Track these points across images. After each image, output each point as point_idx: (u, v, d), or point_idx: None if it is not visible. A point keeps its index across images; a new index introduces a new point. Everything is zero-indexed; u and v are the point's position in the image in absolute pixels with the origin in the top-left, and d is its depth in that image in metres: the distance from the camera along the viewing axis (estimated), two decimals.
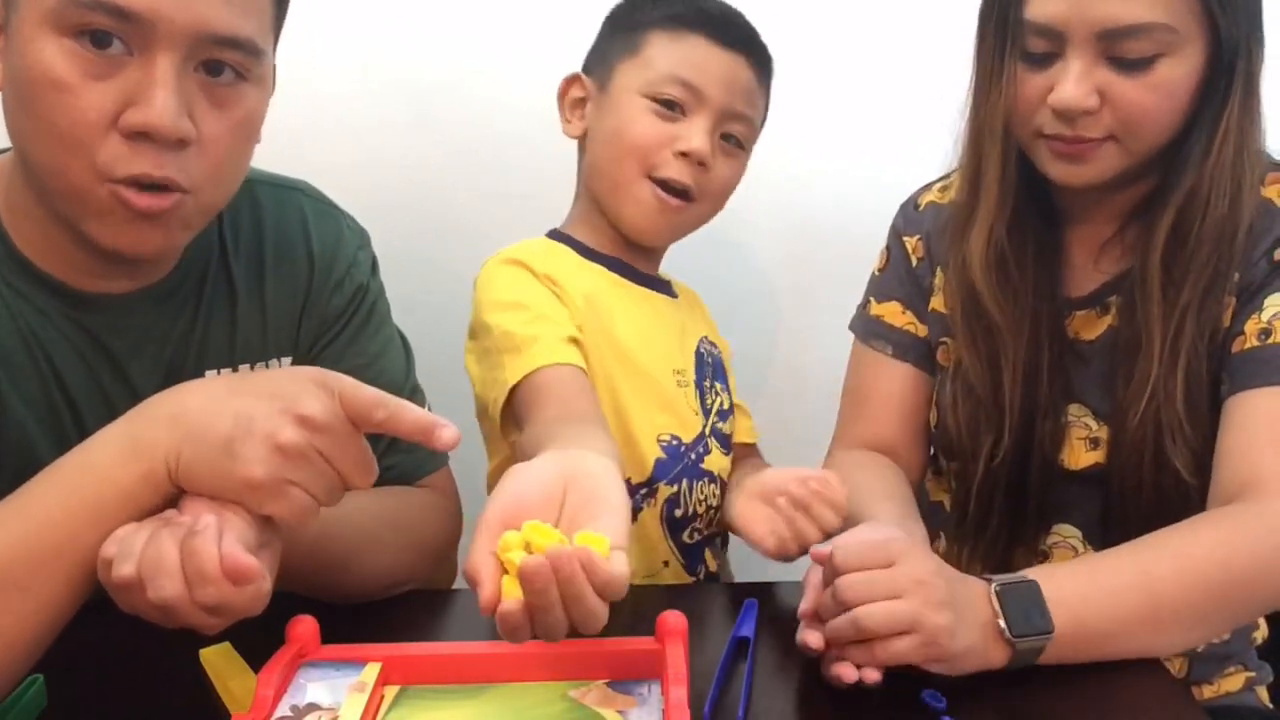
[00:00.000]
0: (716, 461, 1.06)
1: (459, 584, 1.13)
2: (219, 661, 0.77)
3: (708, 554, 1.07)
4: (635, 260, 1.07)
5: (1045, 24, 0.88)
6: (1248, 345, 0.90)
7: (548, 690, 0.71)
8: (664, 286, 1.10)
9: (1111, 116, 0.89)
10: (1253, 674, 1.06)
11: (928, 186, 1.13)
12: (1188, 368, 0.91)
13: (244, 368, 0.91)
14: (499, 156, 1.48)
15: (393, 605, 0.91)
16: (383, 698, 0.71)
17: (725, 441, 1.08)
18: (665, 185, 1.00)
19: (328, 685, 0.70)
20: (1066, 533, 1.02)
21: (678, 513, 1.03)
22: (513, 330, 0.95)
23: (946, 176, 1.09)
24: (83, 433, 0.81)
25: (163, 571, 0.62)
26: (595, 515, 0.63)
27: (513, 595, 0.59)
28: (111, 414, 0.80)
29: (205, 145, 0.75)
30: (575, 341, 0.95)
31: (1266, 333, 0.89)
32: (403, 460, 0.94)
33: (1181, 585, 0.79)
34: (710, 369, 1.09)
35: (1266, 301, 0.90)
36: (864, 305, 1.14)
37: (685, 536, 1.04)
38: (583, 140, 1.07)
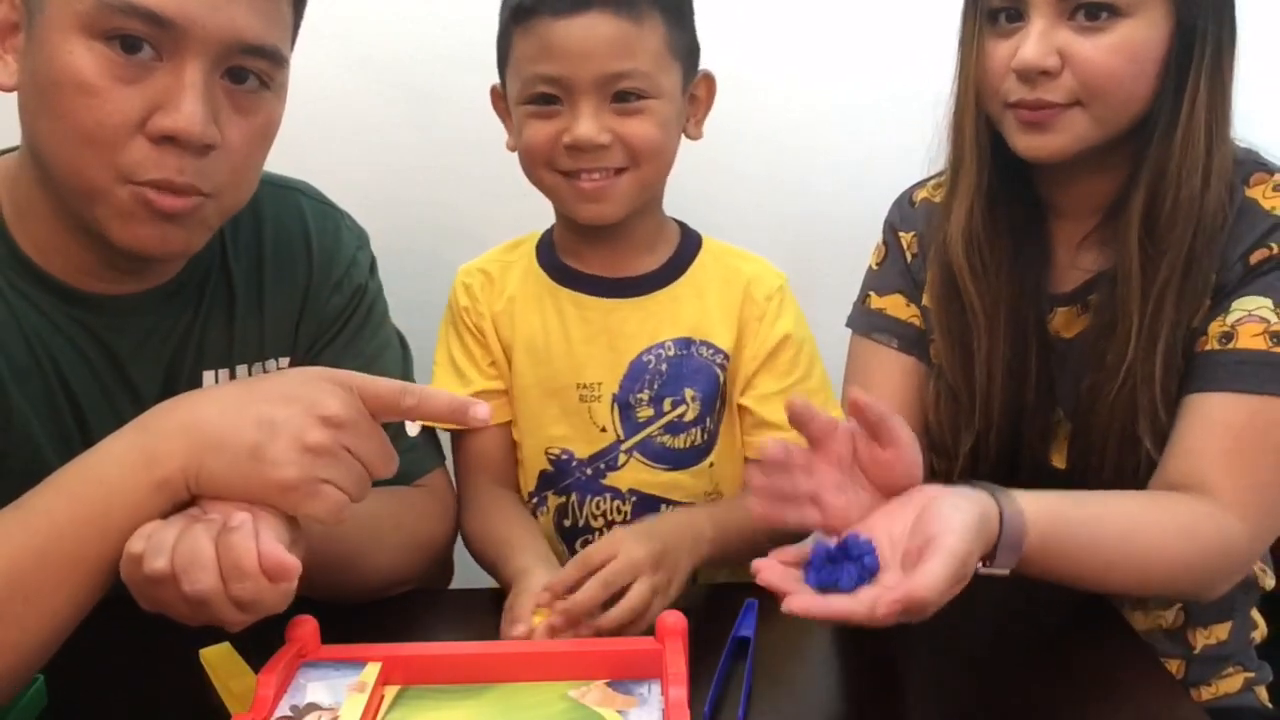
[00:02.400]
0: (633, 478, 1.01)
1: (458, 583, 1.13)
2: (219, 661, 0.77)
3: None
4: (592, 253, 1.03)
5: None
6: (1208, 346, 0.90)
7: (548, 690, 0.71)
8: (628, 285, 1.03)
9: (1073, 79, 0.89)
10: (1251, 674, 1.06)
11: (922, 183, 1.12)
12: (1166, 351, 0.91)
13: (241, 369, 0.91)
14: (499, 156, 1.47)
15: (393, 605, 0.91)
16: (383, 698, 0.71)
17: (670, 457, 1.02)
18: (577, 175, 0.97)
19: (328, 685, 0.70)
20: None
21: (566, 523, 1.03)
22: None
23: (941, 173, 1.08)
24: (85, 432, 0.82)
25: (198, 565, 0.62)
26: None
27: None
28: (114, 413, 0.81)
29: (228, 151, 0.76)
30: (491, 394, 1.03)
31: (1228, 336, 0.89)
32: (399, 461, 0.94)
33: (1127, 573, 0.84)
34: (661, 379, 1.01)
35: (1234, 304, 0.90)
36: (863, 300, 1.13)
37: (578, 546, 1.02)
38: None
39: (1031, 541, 0.76)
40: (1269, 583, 1.05)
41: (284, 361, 0.93)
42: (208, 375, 0.89)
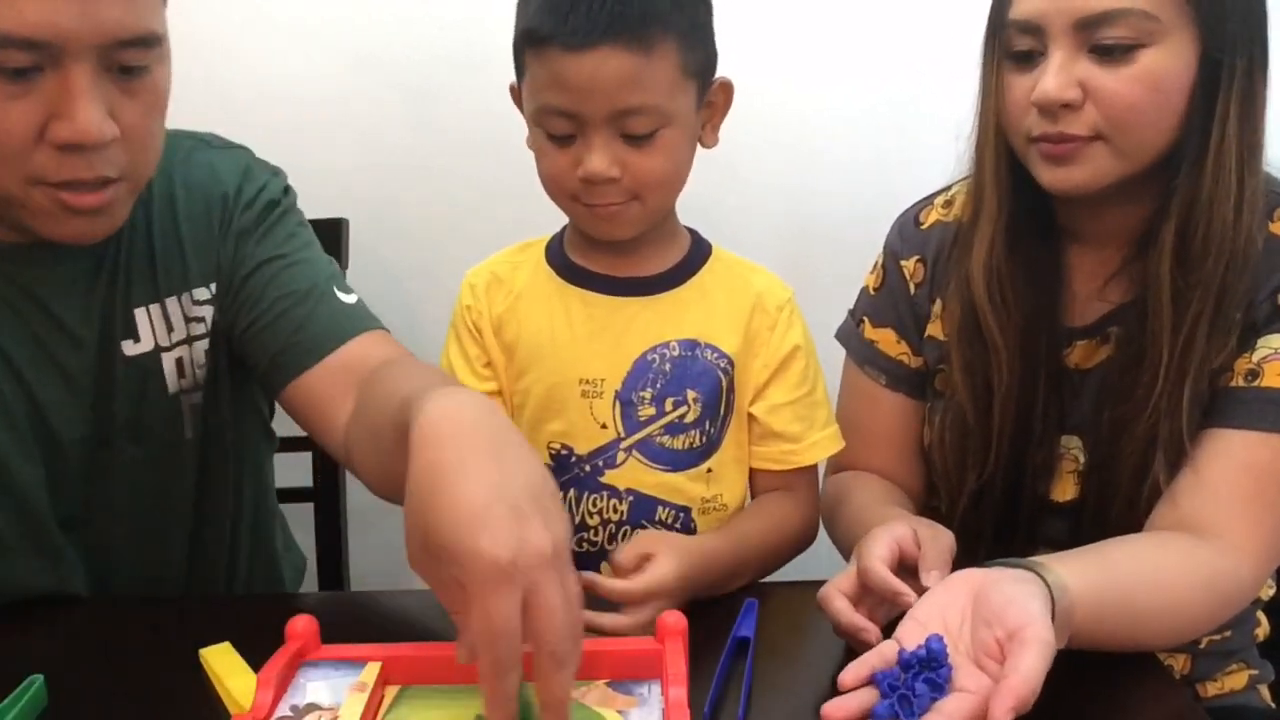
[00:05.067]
0: (631, 477, 1.01)
1: None
2: (219, 661, 0.77)
3: (605, 567, 0.99)
4: (600, 255, 1.03)
5: (1026, 20, 0.88)
6: (1234, 382, 0.89)
7: None
8: (635, 284, 1.02)
9: (1096, 112, 0.87)
10: (1255, 671, 1.06)
11: (929, 201, 1.09)
12: (1194, 385, 0.89)
13: (170, 301, 0.93)
14: (497, 156, 1.47)
15: (393, 605, 0.91)
16: (383, 698, 0.71)
17: (668, 458, 1.01)
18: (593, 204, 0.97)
19: (328, 685, 0.70)
20: None
21: None
22: None
23: (948, 188, 1.07)
24: (18, 377, 0.87)
25: None
26: None
27: None
28: (51, 361, 0.87)
29: (127, 135, 0.79)
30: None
31: (1254, 374, 0.88)
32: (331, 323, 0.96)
33: (1162, 617, 0.82)
34: (664, 378, 1.01)
35: (1260, 342, 0.89)
36: (857, 322, 1.12)
37: (575, 545, 1.01)
38: None
39: (1079, 619, 0.75)
40: (1269, 593, 1.05)
41: (212, 287, 0.95)
42: (139, 313, 0.92)
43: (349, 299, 0.97)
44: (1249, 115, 0.88)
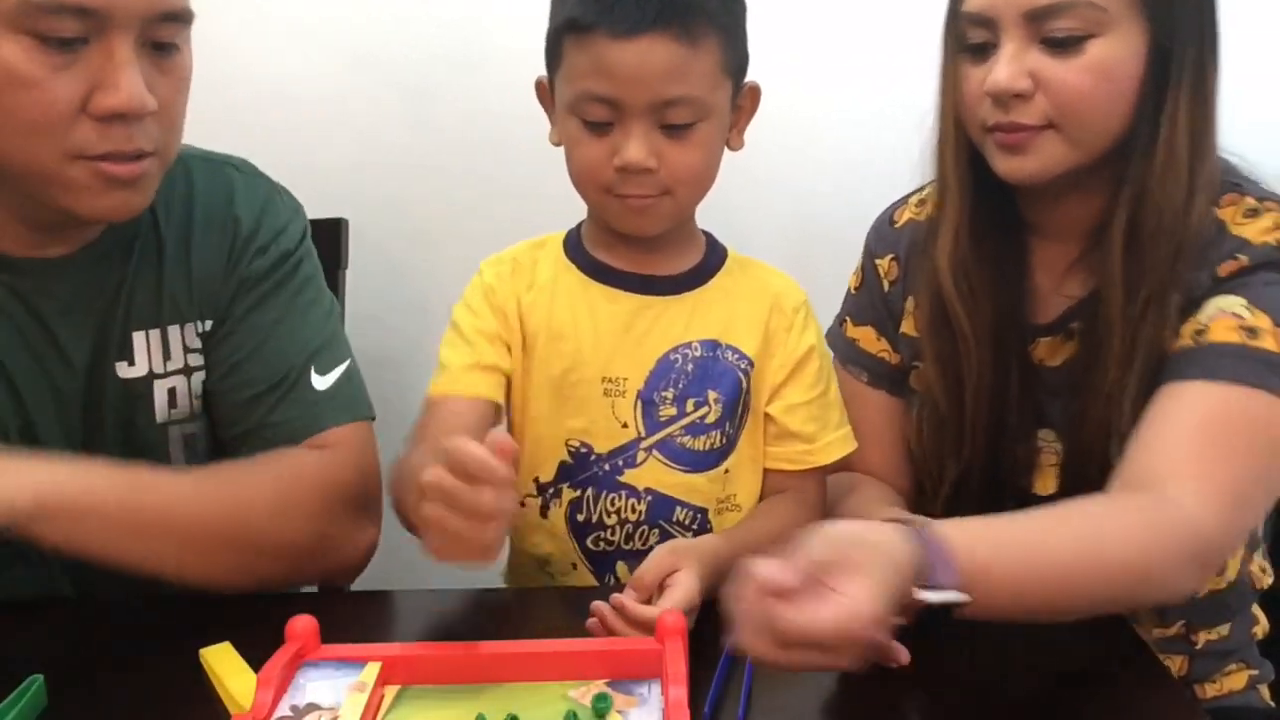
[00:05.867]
0: (651, 477, 1.01)
1: (457, 583, 1.13)
2: (219, 661, 0.77)
3: (621, 566, 1.02)
4: (623, 253, 1.02)
5: (978, 12, 0.90)
6: (1183, 344, 0.88)
7: (548, 690, 0.71)
8: (659, 283, 1.03)
9: (1047, 101, 0.88)
10: (1255, 671, 1.06)
11: (904, 201, 1.11)
12: (1141, 371, 0.89)
13: (173, 330, 0.93)
14: (496, 156, 1.48)
15: (393, 605, 0.91)
16: (383, 698, 0.71)
17: (688, 458, 1.01)
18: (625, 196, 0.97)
19: (328, 685, 0.70)
20: None
21: (580, 517, 1.02)
22: (440, 352, 1.02)
23: (922, 188, 1.08)
24: (16, 397, 0.87)
25: None
26: None
27: None
28: (44, 375, 0.87)
29: (162, 110, 0.80)
30: (484, 368, 1.00)
31: (1201, 332, 0.87)
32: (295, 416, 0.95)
33: (1089, 582, 0.77)
34: (686, 379, 1.01)
35: (1205, 307, 0.88)
36: (840, 322, 1.13)
37: (590, 543, 1.02)
38: None
39: (967, 553, 0.70)
40: (1267, 581, 1.05)
41: (208, 324, 0.94)
42: (137, 336, 0.91)
43: (325, 382, 0.95)
44: (1199, 103, 0.89)
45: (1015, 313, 0.99)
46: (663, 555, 0.85)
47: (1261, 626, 1.08)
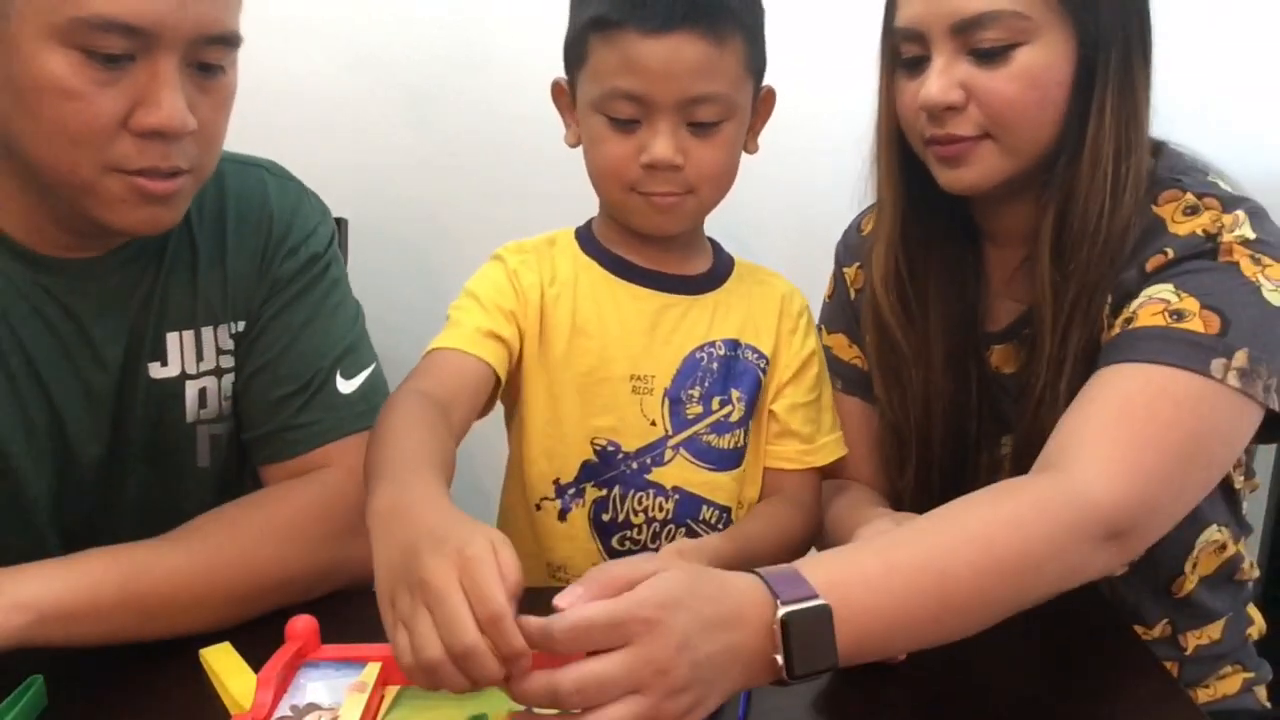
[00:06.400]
0: (678, 475, 1.01)
1: None
2: (219, 661, 0.77)
3: None
4: (643, 253, 1.03)
5: (908, 27, 0.91)
6: (1112, 335, 0.88)
7: None
8: (681, 283, 1.03)
9: (979, 111, 0.89)
10: (1250, 674, 1.05)
11: (871, 209, 1.10)
12: (1071, 374, 0.89)
13: (206, 331, 0.94)
14: (497, 157, 1.48)
15: None
16: (383, 698, 0.71)
17: (714, 456, 1.02)
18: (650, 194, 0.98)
19: (328, 685, 0.70)
20: None
21: (605, 517, 1.02)
22: (450, 313, 1.00)
23: None
24: (45, 393, 0.87)
25: None
26: None
27: None
28: (76, 373, 0.88)
29: (201, 129, 0.81)
30: (495, 337, 0.97)
31: (1130, 320, 0.86)
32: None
33: (976, 576, 0.71)
34: (712, 377, 1.02)
35: (1135, 301, 0.87)
36: (817, 330, 1.13)
37: (615, 543, 1.02)
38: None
39: (850, 621, 0.65)
40: (1254, 574, 1.05)
41: (241, 325, 0.95)
42: (171, 337, 0.92)
43: (349, 386, 0.97)
44: (1126, 104, 0.89)
45: (970, 320, 1.00)
46: (644, 556, 0.83)
47: (1257, 627, 1.07)
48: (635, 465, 1.01)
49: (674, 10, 0.90)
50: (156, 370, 0.92)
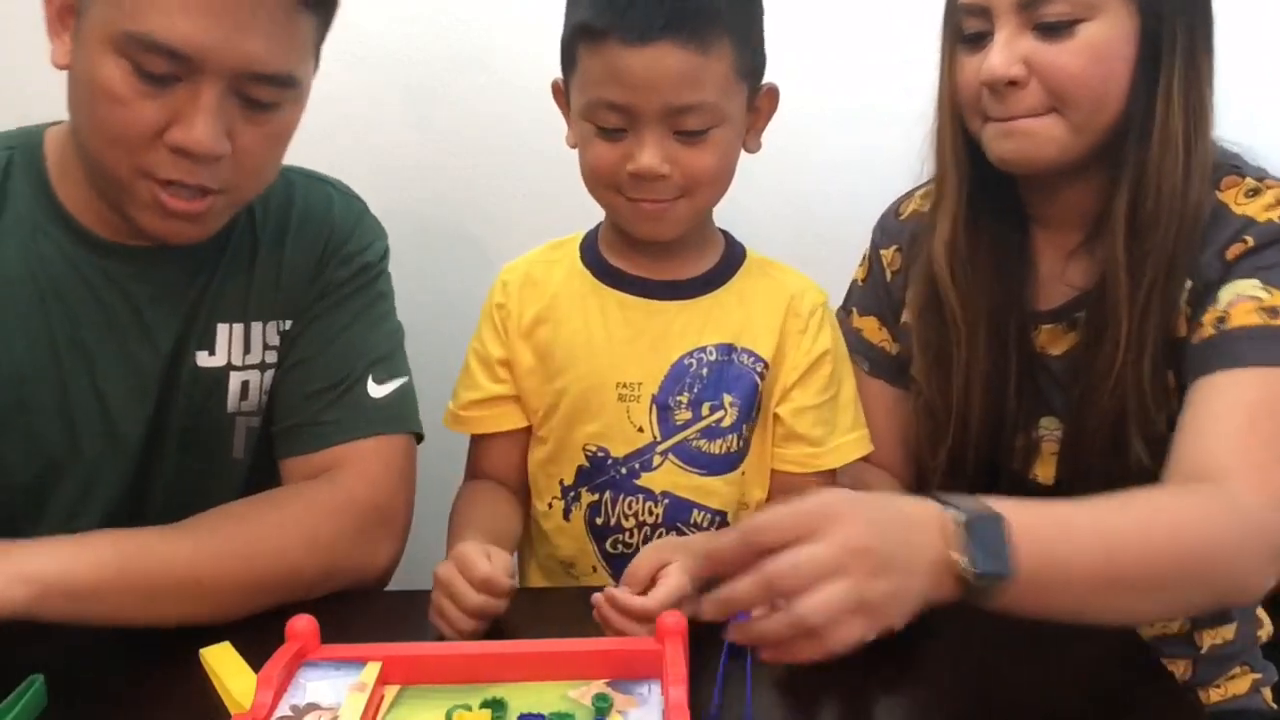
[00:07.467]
0: (667, 480, 1.01)
1: None
2: (219, 661, 0.77)
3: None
4: (638, 257, 1.03)
5: (973, 2, 0.91)
6: (1206, 334, 0.88)
7: (548, 690, 0.71)
8: (672, 288, 1.02)
9: (1042, 87, 0.89)
10: (1259, 675, 1.05)
11: (910, 194, 1.12)
12: (1154, 353, 0.90)
13: (255, 326, 0.96)
14: (497, 157, 1.48)
15: (393, 605, 0.91)
16: (383, 698, 0.71)
17: (705, 461, 1.02)
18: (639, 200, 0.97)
19: (328, 685, 0.70)
20: None
21: (598, 520, 1.03)
22: (457, 391, 1.09)
23: (930, 182, 1.07)
24: (91, 372, 0.90)
25: None
26: None
27: None
28: (126, 356, 0.91)
29: (239, 155, 0.83)
30: (501, 399, 1.06)
31: (1222, 319, 0.87)
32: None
33: (1141, 551, 0.73)
34: (702, 383, 1.01)
35: (1220, 294, 0.88)
36: (846, 312, 1.14)
37: (609, 545, 1.03)
38: None
39: (1026, 539, 0.67)
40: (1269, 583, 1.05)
41: (289, 323, 0.98)
42: (221, 328, 0.95)
43: (380, 391, 0.98)
44: (1193, 83, 0.89)
45: (1015, 301, 0.99)
46: (650, 552, 0.85)
47: (1266, 629, 1.07)
48: (624, 471, 1.01)
49: (653, 20, 0.88)
50: (204, 359, 0.94)
